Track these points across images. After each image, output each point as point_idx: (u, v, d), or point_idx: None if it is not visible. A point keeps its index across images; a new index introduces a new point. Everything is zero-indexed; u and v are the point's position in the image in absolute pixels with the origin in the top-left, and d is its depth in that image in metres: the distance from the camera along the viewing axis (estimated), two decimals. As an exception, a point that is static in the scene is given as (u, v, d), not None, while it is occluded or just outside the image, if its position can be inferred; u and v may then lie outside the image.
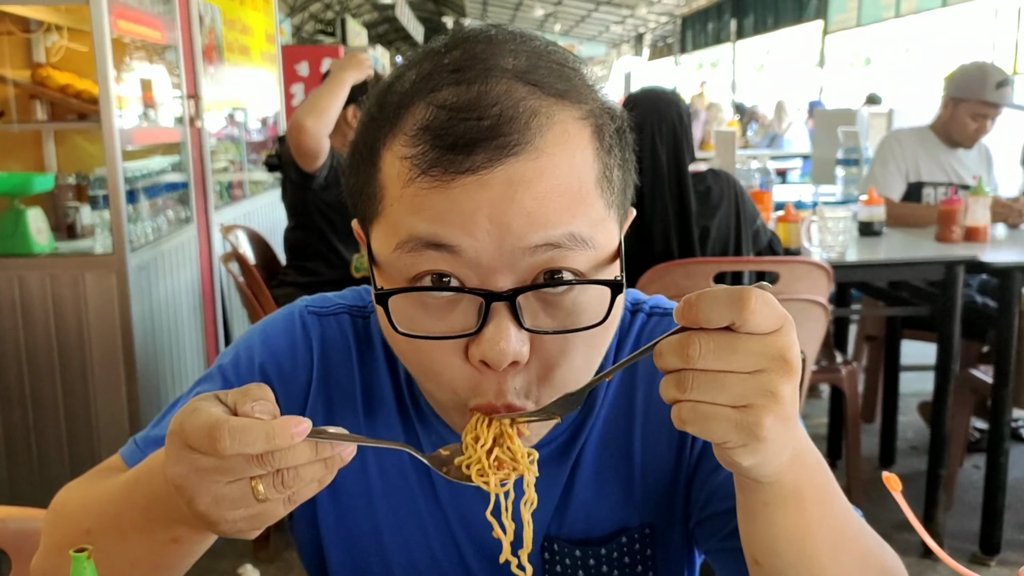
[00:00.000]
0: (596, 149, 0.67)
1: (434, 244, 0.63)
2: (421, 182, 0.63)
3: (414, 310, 0.66)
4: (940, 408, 2.78)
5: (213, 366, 0.85)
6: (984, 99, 3.21)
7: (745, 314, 0.53)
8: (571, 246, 0.64)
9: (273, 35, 5.41)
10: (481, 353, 0.64)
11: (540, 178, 0.63)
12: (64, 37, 3.42)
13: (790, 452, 0.59)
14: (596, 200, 0.66)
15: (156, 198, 3.24)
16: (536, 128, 0.63)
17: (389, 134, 0.66)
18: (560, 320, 0.66)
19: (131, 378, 2.89)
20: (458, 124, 0.62)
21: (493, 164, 0.62)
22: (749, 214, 2.39)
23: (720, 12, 18.39)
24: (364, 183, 0.69)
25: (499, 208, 0.62)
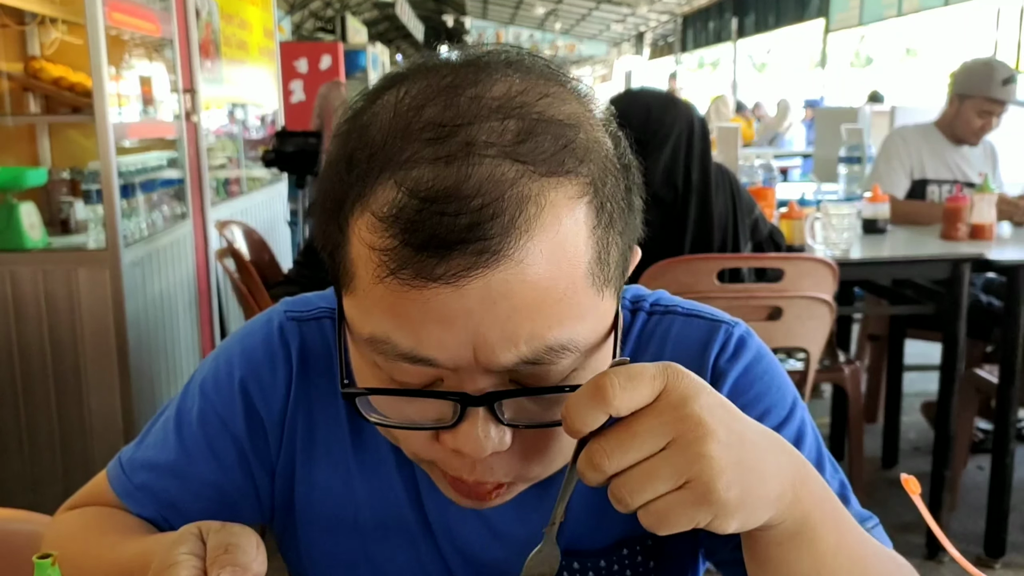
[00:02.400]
0: (592, 228, 0.58)
1: (411, 357, 0.57)
2: (391, 283, 0.55)
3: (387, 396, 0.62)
4: (945, 408, 2.75)
5: (194, 380, 0.82)
6: (990, 96, 3.17)
7: (613, 403, 0.51)
8: (552, 359, 0.58)
9: (271, 30, 5.38)
10: (456, 446, 0.59)
11: (521, 289, 0.55)
12: (59, 30, 3.38)
13: (778, 489, 0.55)
14: (586, 293, 0.58)
15: (151, 193, 3.21)
16: (523, 225, 0.54)
17: (357, 204, 0.57)
18: (546, 408, 0.61)
19: (124, 375, 2.86)
20: (433, 219, 0.53)
21: (470, 272, 0.54)
22: (745, 204, 2.36)
23: (721, 10, 18.35)
24: (334, 243, 0.61)
25: (476, 322, 0.55)
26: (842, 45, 13.54)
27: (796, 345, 2.40)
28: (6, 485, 2.89)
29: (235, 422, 0.78)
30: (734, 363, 0.76)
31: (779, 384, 0.77)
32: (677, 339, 0.77)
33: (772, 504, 0.54)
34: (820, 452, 0.77)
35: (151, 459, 0.80)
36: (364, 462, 0.78)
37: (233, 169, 4.55)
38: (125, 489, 0.80)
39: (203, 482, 0.78)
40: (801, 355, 2.54)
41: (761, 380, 0.76)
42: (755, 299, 2.27)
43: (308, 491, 0.79)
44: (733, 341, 0.77)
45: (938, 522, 2.75)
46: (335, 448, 0.78)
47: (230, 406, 0.78)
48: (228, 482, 0.78)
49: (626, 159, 0.63)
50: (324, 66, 8.53)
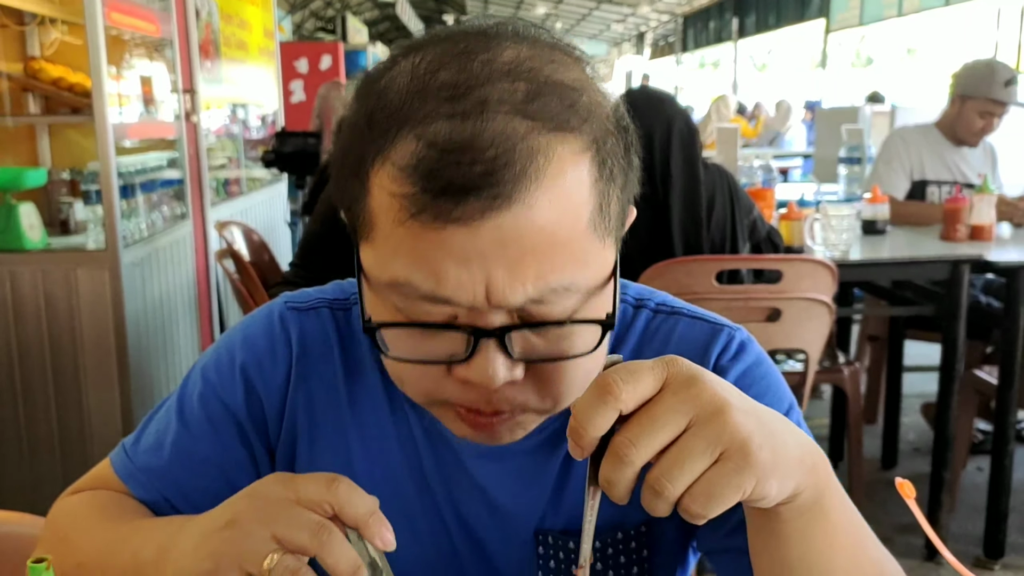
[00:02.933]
0: (595, 180, 0.64)
1: (429, 297, 0.62)
2: (411, 225, 0.61)
3: (404, 332, 0.66)
4: (944, 410, 2.74)
5: (195, 368, 0.84)
6: (992, 97, 3.17)
7: (620, 396, 0.52)
8: (556, 299, 0.63)
9: (271, 31, 5.38)
10: (470, 377, 0.64)
11: (530, 232, 0.60)
12: (58, 30, 3.38)
13: (798, 452, 0.56)
14: (589, 240, 0.64)
15: (151, 193, 3.21)
16: (533, 173, 0.60)
17: (377, 157, 0.62)
18: (552, 343, 0.65)
19: (124, 376, 2.86)
20: (450, 168, 0.59)
21: (484, 215, 0.59)
22: (744, 205, 2.36)
23: (722, 11, 18.34)
24: (353, 197, 0.66)
25: (489, 263, 0.60)
26: (843, 45, 13.53)
27: (795, 346, 2.39)
28: (5, 486, 2.89)
29: (236, 404, 0.80)
30: (735, 363, 0.79)
31: (777, 388, 0.80)
32: (680, 339, 0.80)
33: (797, 468, 0.56)
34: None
35: (154, 442, 0.82)
36: (366, 442, 0.80)
37: (233, 169, 4.55)
38: (128, 471, 0.82)
39: (206, 461, 0.80)
40: (800, 356, 2.54)
41: (761, 382, 0.79)
42: (754, 300, 2.27)
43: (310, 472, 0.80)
44: (735, 344, 0.80)
45: (937, 523, 2.75)
46: (336, 431, 0.80)
47: (231, 389, 0.80)
48: (230, 461, 0.80)
49: (624, 121, 0.68)
50: (324, 66, 8.54)
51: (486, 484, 0.79)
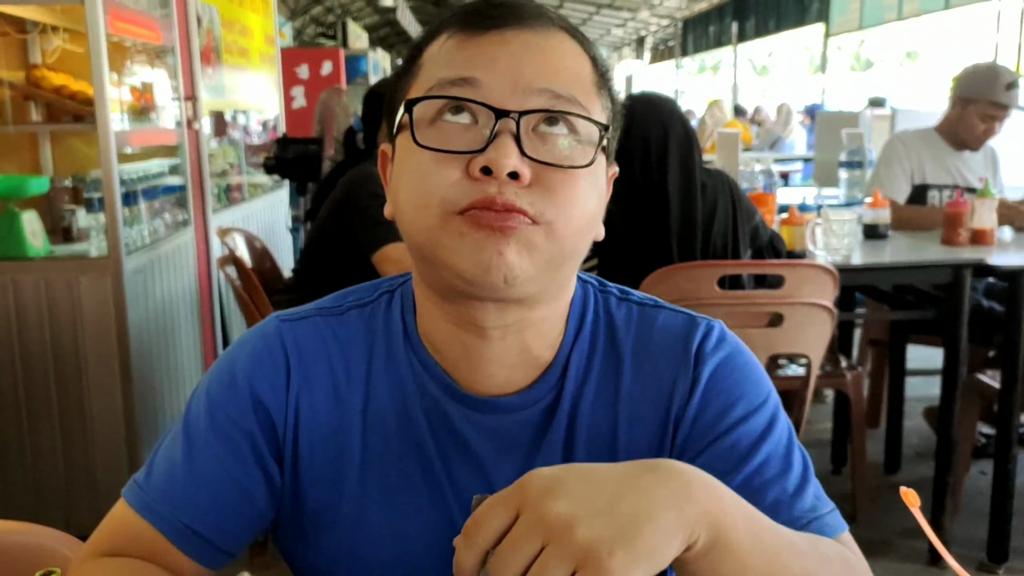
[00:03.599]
0: (594, 77, 0.78)
1: (458, 80, 0.73)
2: (451, 45, 0.76)
3: (431, 133, 0.74)
4: (947, 414, 2.74)
5: (197, 392, 0.86)
6: (994, 100, 3.17)
7: (477, 539, 0.56)
8: (571, 103, 0.74)
9: (272, 37, 5.39)
10: (486, 160, 0.71)
11: (551, 51, 0.76)
12: (60, 38, 3.39)
13: (673, 515, 0.57)
14: (596, 93, 0.78)
15: (153, 201, 3.21)
16: (554, 21, 0.78)
17: (432, 38, 0.79)
18: (557, 158, 0.74)
19: (127, 383, 2.86)
20: (489, 8, 0.76)
21: (515, 29, 0.75)
22: (746, 211, 2.36)
23: (721, 15, 18.35)
24: (401, 85, 0.80)
25: (515, 59, 0.74)
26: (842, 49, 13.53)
27: (797, 351, 2.39)
28: (9, 493, 2.89)
29: (244, 417, 0.82)
30: (716, 352, 0.83)
31: (756, 377, 0.84)
32: (662, 328, 0.86)
33: (676, 531, 0.57)
34: (789, 444, 0.81)
35: (166, 470, 0.83)
36: (368, 430, 0.83)
37: (235, 176, 4.55)
38: (143, 503, 0.81)
39: (220, 479, 0.81)
40: (802, 361, 2.54)
41: (740, 370, 0.83)
42: (756, 305, 2.27)
43: (312, 466, 0.83)
44: (715, 333, 0.85)
45: (941, 527, 2.75)
46: (338, 422, 0.83)
47: (238, 403, 0.82)
48: (244, 476, 0.82)
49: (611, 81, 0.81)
50: (325, 72, 8.55)
51: (485, 462, 0.82)
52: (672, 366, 0.83)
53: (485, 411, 0.82)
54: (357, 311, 0.87)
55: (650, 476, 0.58)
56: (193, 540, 0.80)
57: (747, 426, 0.80)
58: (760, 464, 0.78)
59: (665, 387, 0.83)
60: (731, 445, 0.79)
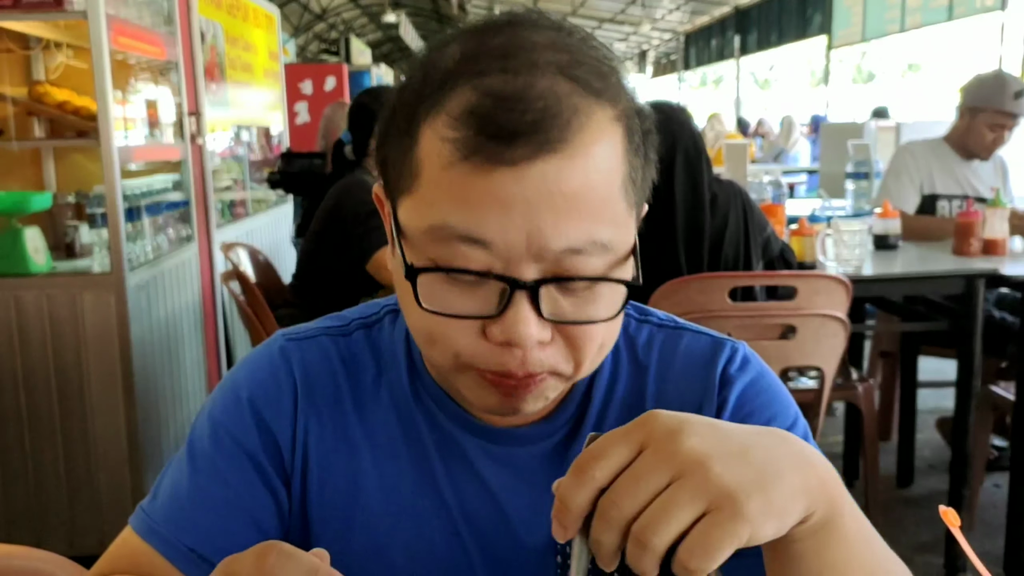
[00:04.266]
0: (625, 150, 0.68)
1: (468, 238, 0.65)
2: (461, 167, 0.64)
3: (438, 286, 0.67)
4: (962, 426, 2.70)
5: (201, 415, 0.84)
6: (1002, 108, 3.15)
7: (594, 474, 0.53)
8: (592, 252, 0.66)
9: (276, 52, 5.39)
10: (504, 335, 0.66)
11: (572, 179, 0.64)
12: (64, 54, 3.38)
13: (800, 480, 0.54)
14: (620, 203, 0.68)
15: (156, 216, 3.19)
16: (576, 127, 0.64)
17: (431, 110, 0.66)
18: (578, 307, 0.68)
19: (129, 400, 2.83)
20: (503, 114, 0.63)
21: (532, 159, 0.63)
22: (758, 222, 2.33)
23: (723, 28, 18.40)
24: (398, 155, 0.69)
25: (532, 207, 0.64)
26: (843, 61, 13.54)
27: (810, 363, 2.36)
28: (11, 511, 2.86)
29: (249, 439, 0.79)
30: (741, 374, 0.81)
31: (783, 399, 0.82)
32: (686, 351, 0.83)
33: (801, 496, 0.54)
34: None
35: (171, 495, 0.80)
36: (378, 460, 0.80)
37: (239, 191, 4.54)
38: (148, 528, 0.79)
39: (227, 503, 0.79)
40: (812, 373, 2.51)
41: (767, 392, 0.81)
42: (768, 317, 2.24)
43: (321, 494, 0.80)
44: (739, 356, 0.82)
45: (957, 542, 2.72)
46: (346, 451, 0.80)
47: (241, 425, 0.80)
48: (249, 498, 0.79)
49: (641, 107, 0.71)
50: (329, 87, 8.56)
51: (500, 493, 0.79)
52: (697, 390, 0.80)
53: (501, 442, 0.79)
54: (363, 331, 0.84)
55: (772, 436, 0.56)
56: (197, 564, 0.78)
57: None
58: None
59: (690, 412, 0.80)
60: None
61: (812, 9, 13.69)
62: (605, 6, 19.16)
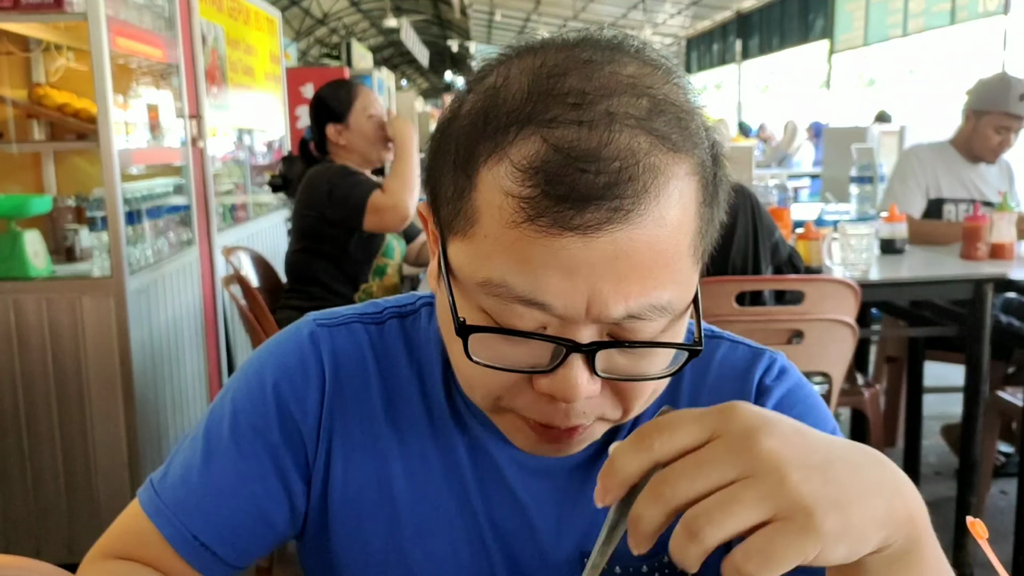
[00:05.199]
0: (699, 204, 0.64)
1: (527, 300, 0.61)
2: (526, 229, 0.59)
3: (489, 337, 0.64)
4: (969, 433, 2.68)
5: (224, 395, 0.81)
6: (1008, 111, 3.13)
7: (654, 446, 0.49)
8: (651, 316, 0.62)
9: (277, 56, 5.37)
10: (553, 391, 0.63)
11: (642, 249, 0.60)
12: (64, 56, 3.36)
13: (884, 507, 0.50)
14: (686, 262, 0.64)
15: (157, 220, 3.17)
16: (652, 192, 0.59)
17: (493, 154, 0.61)
18: (633, 363, 0.65)
19: (129, 405, 2.80)
20: (575, 174, 0.58)
21: (602, 227, 0.58)
22: (766, 227, 2.32)
23: (725, 33, 18.40)
24: (451, 192, 0.64)
25: (596, 272, 0.59)
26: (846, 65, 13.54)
27: (818, 369, 2.34)
28: (10, 516, 2.83)
29: (269, 429, 0.77)
30: (778, 384, 0.79)
31: (819, 411, 0.79)
32: (722, 362, 0.80)
33: (881, 524, 0.50)
34: None
35: (181, 475, 0.78)
36: (405, 458, 0.78)
37: (240, 194, 4.52)
38: (156, 509, 0.78)
39: (236, 493, 0.77)
40: (819, 378, 2.48)
41: (803, 403, 0.78)
42: (775, 322, 2.22)
43: (344, 492, 0.78)
44: (777, 366, 0.80)
45: (964, 549, 2.68)
46: (373, 446, 0.78)
47: (263, 414, 0.77)
48: (262, 491, 0.77)
49: (718, 148, 0.66)
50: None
51: (529, 503, 0.77)
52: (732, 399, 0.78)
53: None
54: (398, 321, 0.81)
55: (865, 455, 0.52)
56: (199, 552, 0.76)
57: None
58: None
59: None
60: None
61: (814, 13, 13.69)
62: (606, 11, 19.17)
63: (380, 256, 3.06)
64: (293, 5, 17.15)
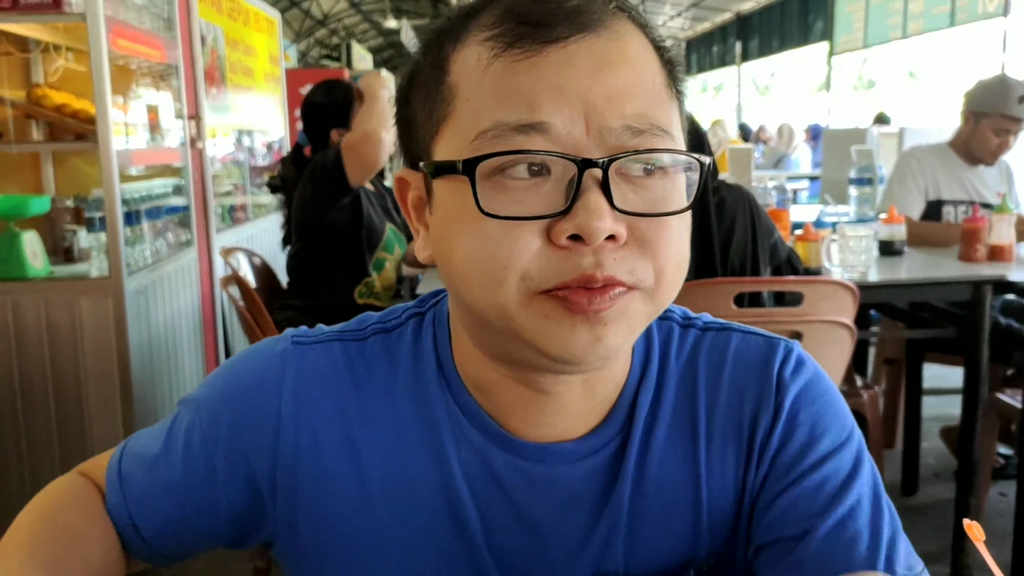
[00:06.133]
0: (660, 63, 0.66)
1: (524, 126, 0.60)
2: (507, 57, 0.61)
3: (493, 194, 0.61)
4: (968, 435, 2.67)
5: (196, 392, 0.80)
6: (1007, 113, 3.12)
7: None
8: (654, 135, 0.62)
9: (277, 57, 5.37)
10: (576, 227, 0.59)
11: (621, 61, 0.62)
12: (63, 57, 3.36)
13: None
14: (670, 102, 0.65)
15: (156, 220, 3.17)
16: (618, 14, 0.64)
17: (462, 34, 0.64)
18: (651, 204, 0.63)
19: (127, 406, 2.80)
20: (541, 7, 0.62)
21: (577, 38, 0.61)
22: (765, 228, 2.31)
23: (725, 35, 18.42)
24: (424, 100, 0.66)
25: (585, 85, 0.60)
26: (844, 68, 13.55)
27: (816, 370, 2.33)
28: (7, 517, 2.82)
29: (224, 438, 0.74)
30: (796, 377, 0.75)
31: (838, 407, 0.76)
32: (737, 354, 0.77)
33: None
34: (876, 487, 0.72)
35: (139, 455, 0.78)
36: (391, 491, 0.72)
37: (239, 195, 4.52)
38: (110, 472, 0.78)
39: (183, 494, 0.75)
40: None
41: (822, 398, 0.75)
42: (773, 323, 2.21)
43: (317, 510, 0.73)
44: (794, 357, 0.76)
45: (963, 551, 2.68)
46: (350, 462, 0.73)
47: (221, 423, 0.75)
48: (209, 497, 0.75)
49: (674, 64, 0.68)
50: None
51: (534, 519, 0.72)
52: (753, 395, 0.74)
53: (542, 461, 0.71)
54: (381, 336, 0.77)
55: None
56: (134, 537, 0.76)
57: (835, 462, 0.72)
58: (852, 507, 0.70)
59: (747, 419, 0.74)
60: (819, 484, 0.71)
61: (814, 15, 13.70)
62: (606, 12, 19.18)
63: (380, 250, 3.05)
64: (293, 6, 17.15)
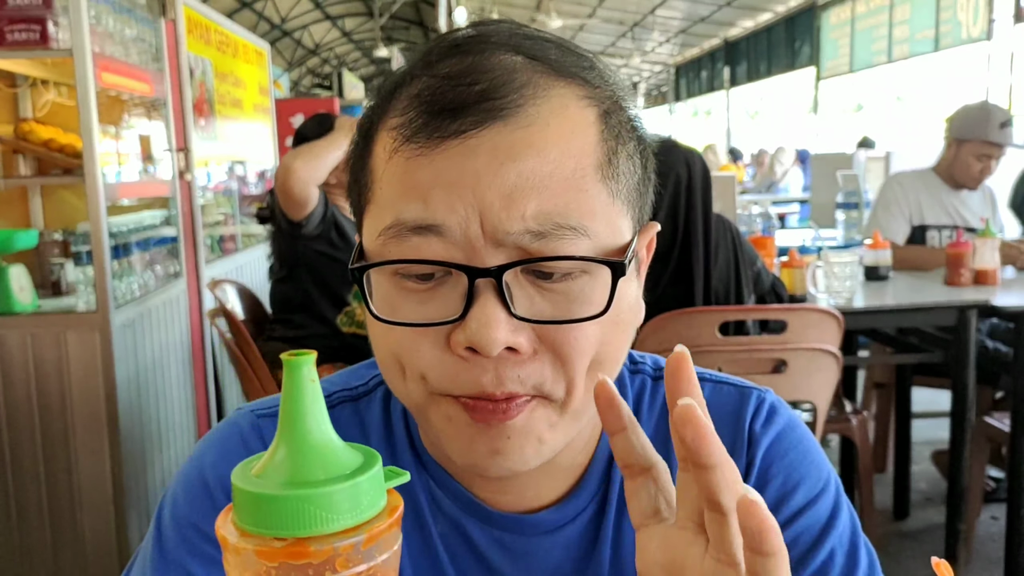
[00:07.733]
0: (601, 132, 0.60)
1: (419, 227, 0.57)
2: (405, 151, 0.58)
3: (393, 297, 0.59)
4: (957, 459, 2.68)
5: (165, 499, 0.73)
6: (988, 139, 3.16)
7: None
8: (561, 237, 0.56)
9: (267, 88, 5.39)
10: (467, 338, 0.56)
11: (527, 152, 0.56)
12: (51, 92, 3.37)
13: None
14: (595, 187, 0.58)
15: (144, 252, 3.17)
16: (530, 96, 0.57)
17: (383, 114, 0.61)
18: (560, 307, 0.58)
19: (114, 441, 2.78)
20: (449, 91, 0.57)
21: (479, 128, 0.56)
22: (748, 257, 2.32)
23: (713, 60, 18.56)
24: (357, 176, 0.64)
25: (483, 180, 0.56)
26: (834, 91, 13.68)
27: (802, 398, 2.34)
28: (-8, 556, 2.80)
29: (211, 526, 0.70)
30: (768, 428, 0.73)
31: (812, 456, 0.74)
32: (709, 406, 0.73)
33: None
34: (854, 535, 0.71)
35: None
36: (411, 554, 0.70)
37: (229, 225, 4.52)
38: None
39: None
40: (806, 405, 2.48)
41: (795, 449, 0.73)
42: (759, 352, 2.22)
43: None
44: (766, 407, 0.74)
45: None
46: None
47: (212, 513, 0.69)
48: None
49: (621, 97, 0.63)
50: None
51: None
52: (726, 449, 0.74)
53: (518, 531, 0.69)
54: (350, 406, 0.73)
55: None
56: None
57: (810, 515, 0.70)
58: (825, 560, 0.69)
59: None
60: (793, 539, 0.69)
61: (800, 40, 13.83)
62: (595, 39, 19.34)
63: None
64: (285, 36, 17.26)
